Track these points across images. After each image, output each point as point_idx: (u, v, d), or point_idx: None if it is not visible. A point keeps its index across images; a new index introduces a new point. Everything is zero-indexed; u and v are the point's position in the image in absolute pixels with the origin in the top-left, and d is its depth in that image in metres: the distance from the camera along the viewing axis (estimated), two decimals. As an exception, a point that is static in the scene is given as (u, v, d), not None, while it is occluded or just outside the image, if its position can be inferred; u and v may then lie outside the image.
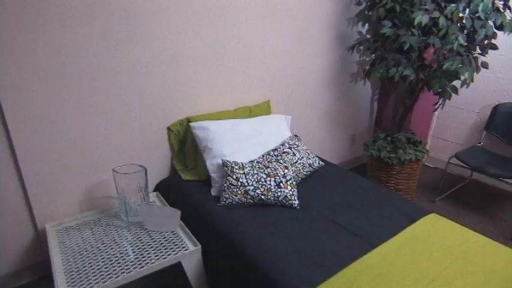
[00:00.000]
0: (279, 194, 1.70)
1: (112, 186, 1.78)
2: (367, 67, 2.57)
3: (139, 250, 1.55)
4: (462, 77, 2.08)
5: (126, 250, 1.56)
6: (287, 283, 1.25)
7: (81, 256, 1.51)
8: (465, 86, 2.11)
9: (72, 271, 1.42)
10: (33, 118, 1.58)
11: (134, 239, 1.62)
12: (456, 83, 2.14)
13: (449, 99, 2.20)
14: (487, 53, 2.10)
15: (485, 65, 2.11)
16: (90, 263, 1.47)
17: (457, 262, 1.35)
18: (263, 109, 2.29)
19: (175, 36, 1.85)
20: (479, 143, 2.69)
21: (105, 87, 1.73)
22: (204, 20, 1.92)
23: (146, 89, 1.85)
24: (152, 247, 1.57)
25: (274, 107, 2.41)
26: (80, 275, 1.40)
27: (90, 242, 1.61)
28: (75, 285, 1.34)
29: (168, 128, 2.01)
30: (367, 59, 2.79)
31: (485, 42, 2.07)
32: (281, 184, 1.72)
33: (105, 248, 1.57)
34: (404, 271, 1.30)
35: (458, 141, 2.95)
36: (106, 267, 1.44)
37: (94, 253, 1.53)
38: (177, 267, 1.58)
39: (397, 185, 2.54)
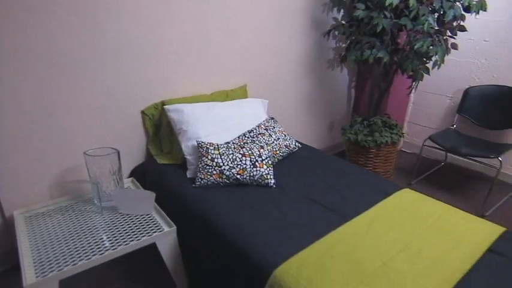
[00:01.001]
0: (254, 173, 1.70)
1: (84, 172, 1.73)
2: (343, 53, 2.60)
3: (112, 233, 1.51)
4: (433, 58, 2.13)
5: (99, 234, 1.51)
6: (261, 257, 1.25)
7: (51, 242, 1.45)
8: (436, 67, 2.16)
9: (42, 258, 1.36)
10: (-3, 99, 1.52)
11: (108, 223, 1.58)
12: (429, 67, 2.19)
13: (421, 80, 2.25)
14: (455, 34, 2.16)
15: (454, 46, 2.17)
16: (61, 248, 1.42)
17: (428, 231, 1.38)
18: (240, 94, 2.28)
19: (150, 19, 1.81)
20: (452, 125, 2.76)
21: (77, 70, 1.67)
22: (180, 4, 1.89)
23: (120, 72, 1.81)
24: (126, 230, 1.54)
25: (251, 93, 2.40)
26: (50, 261, 1.34)
27: (61, 228, 1.55)
28: (44, 271, 1.29)
29: (143, 112, 1.97)
30: (343, 45, 2.82)
31: (454, 24, 2.13)
32: (256, 163, 1.71)
33: (77, 232, 1.52)
34: (377, 241, 1.32)
35: (433, 126, 3.02)
36: (77, 251, 1.40)
37: (65, 238, 1.48)
38: (153, 250, 1.56)
39: (374, 168, 2.58)
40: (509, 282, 1.15)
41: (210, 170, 1.68)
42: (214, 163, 1.69)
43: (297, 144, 2.06)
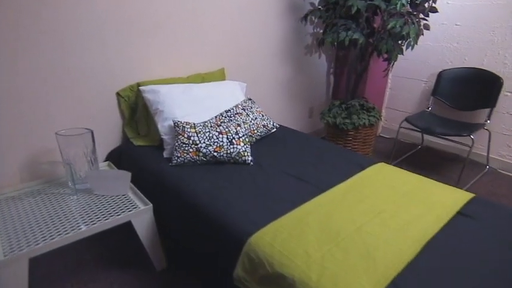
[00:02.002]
0: (231, 150, 1.69)
1: (58, 155, 1.68)
2: (320, 37, 2.62)
3: (87, 214, 1.47)
4: (407, 40, 2.18)
5: (73, 214, 1.47)
6: (237, 227, 1.24)
7: (21, 224, 1.40)
8: (410, 48, 2.21)
9: (11, 237, 1.31)
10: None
11: (82, 205, 1.54)
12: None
13: (396, 60, 2.29)
14: (427, 16, 2.21)
15: (427, 27, 2.22)
16: (32, 228, 1.37)
17: (402, 198, 1.41)
18: (217, 77, 2.27)
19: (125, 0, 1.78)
20: (428, 108, 2.83)
21: (49, 50, 1.62)
22: (151, -19, 1.87)
23: (93, 52, 1.76)
24: (101, 210, 1.50)
25: (228, 77, 2.39)
26: (19, 240, 1.29)
27: (33, 210, 1.50)
28: (13, 249, 1.24)
29: (118, 94, 1.93)
30: (321, 31, 2.85)
31: (426, 5, 2.18)
32: (233, 141, 1.71)
33: (49, 214, 1.47)
34: (352, 208, 1.33)
35: (409, 111, 3.09)
36: (49, 231, 1.35)
37: (37, 220, 1.43)
38: (130, 232, 1.53)
39: (353, 150, 2.62)
40: (476, 239, 1.18)
41: (186, 148, 1.67)
42: (190, 141, 1.67)
43: (274, 124, 2.07)
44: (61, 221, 1.42)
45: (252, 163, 1.73)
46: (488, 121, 2.52)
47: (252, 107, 2.00)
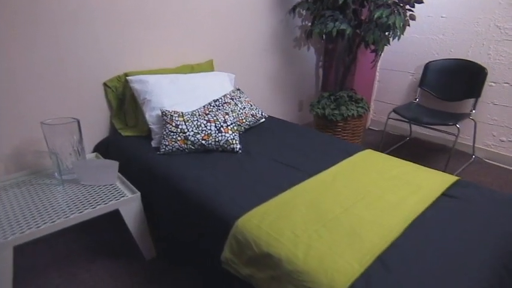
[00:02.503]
0: (220, 138, 1.69)
1: (44, 146, 1.66)
2: (308, 29, 2.63)
3: (74, 203, 1.46)
4: (394, 30, 2.20)
5: (59, 204, 1.46)
6: (224, 210, 1.24)
7: (5, 213, 1.38)
8: (397, 38, 2.24)
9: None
10: None
11: (69, 194, 1.52)
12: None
13: (382, 50, 2.31)
14: (413, 6, 2.24)
15: (413, 17, 2.25)
16: (16, 217, 1.35)
17: (388, 181, 1.43)
18: (205, 68, 2.26)
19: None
20: (415, 99, 2.87)
21: (34, 38, 1.60)
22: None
23: (80, 41, 1.74)
24: (88, 199, 1.48)
25: (217, 68, 2.39)
26: (4, 229, 1.27)
27: (18, 200, 1.48)
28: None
29: (105, 84, 1.91)
30: (309, 24, 2.86)
31: (412, -5, 2.21)
32: (222, 129, 1.71)
33: (35, 203, 1.45)
34: (339, 192, 1.35)
35: (397, 103, 3.12)
36: (34, 220, 1.33)
37: (21, 209, 1.40)
38: (119, 222, 1.52)
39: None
40: (459, 218, 1.21)
41: (174, 137, 1.66)
42: (178, 129, 1.67)
43: (263, 114, 2.07)
44: (47, 210, 1.40)
45: (240, 151, 1.73)
46: (474, 111, 2.57)
47: (240, 97, 2.01)
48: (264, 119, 2.12)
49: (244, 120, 1.92)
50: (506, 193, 1.42)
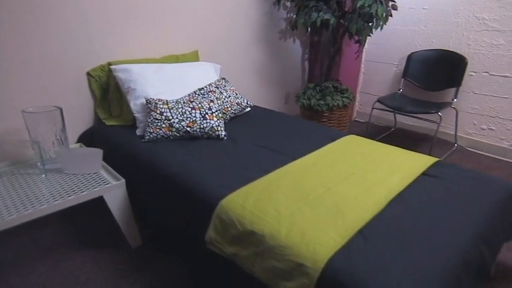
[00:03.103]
0: (205, 125, 1.69)
1: (26, 134, 1.63)
2: (293, 20, 2.65)
3: (57, 191, 1.44)
4: (375, 20, 2.24)
5: (42, 192, 1.44)
6: (208, 192, 1.25)
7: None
8: (379, 28, 2.28)
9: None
10: None
11: (52, 183, 1.50)
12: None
13: (365, 40, 2.35)
14: (395, -4, 2.29)
15: (394, 7, 2.30)
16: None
17: (370, 163, 1.45)
18: (191, 59, 2.26)
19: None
20: (399, 90, 2.92)
21: (15, 26, 1.57)
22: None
23: (62, 29, 1.72)
24: (72, 187, 1.47)
25: (202, 60, 2.38)
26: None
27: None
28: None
29: (88, 74, 1.89)
30: (294, 15, 2.88)
31: (394, -14, 2.25)
32: (206, 116, 1.71)
33: (17, 192, 1.42)
34: (322, 173, 1.37)
35: (382, 94, 3.16)
36: (15, 207, 1.31)
37: (3, 198, 1.38)
38: (105, 212, 1.51)
39: (328, 132, 2.67)
40: (438, 195, 1.24)
41: (159, 124, 1.66)
42: (163, 117, 1.67)
43: (249, 102, 2.08)
44: (29, 199, 1.38)
45: (225, 138, 1.73)
46: (455, 99, 2.63)
47: (225, 86, 2.01)
48: (249, 108, 2.13)
49: (229, 109, 1.93)
50: (482, 172, 1.46)
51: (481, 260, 1.04)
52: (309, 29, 2.82)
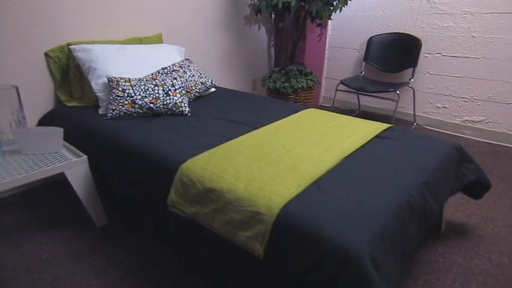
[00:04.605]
0: (168, 101, 1.70)
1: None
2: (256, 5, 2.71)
3: (15, 170, 1.40)
4: (335, 3, 2.33)
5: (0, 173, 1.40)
6: (169, 157, 1.27)
7: None
8: (338, 10, 2.37)
9: None
10: None
11: (11, 163, 1.45)
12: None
13: (326, 23, 2.44)
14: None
15: (351, -10, 2.39)
16: None
17: (329, 130, 1.52)
18: (154, 41, 2.25)
19: None
20: (361, 72, 3.04)
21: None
22: None
23: (19, 6, 1.67)
24: (32, 167, 1.43)
25: (166, 43, 2.38)
26: None
27: None
28: None
29: (46, 54, 1.85)
30: (258, 2, 2.93)
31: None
32: (169, 92, 1.72)
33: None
34: (282, 138, 1.42)
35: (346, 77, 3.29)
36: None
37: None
38: (70, 194, 1.48)
39: (294, 114, 2.74)
40: (388, 151, 1.33)
41: (121, 101, 1.65)
42: (125, 94, 1.66)
43: (213, 82, 2.11)
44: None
45: (189, 114, 1.75)
46: (412, 79, 2.78)
47: (189, 66, 2.03)
48: (214, 89, 2.16)
49: (193, 87, 1.95)
50: (430, 134, 1.57)
51: (425, 205, 1.13)
52: (273, 15, 2.88)
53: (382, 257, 0.89)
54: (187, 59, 2.11)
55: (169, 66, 1.94)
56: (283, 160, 1.22)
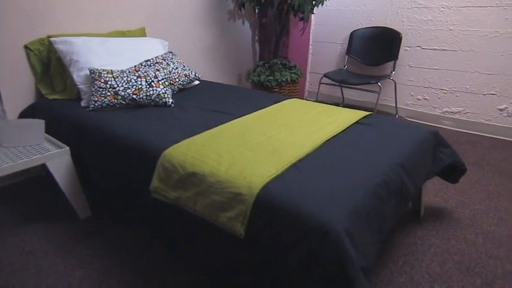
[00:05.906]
0: (151, 92, 1.71)
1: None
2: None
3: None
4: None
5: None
6: (152, 146, 1.27)
7: None
8: (321, 4, 2.41)
9: None
10: None
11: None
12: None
13: (308, 17, 2.47)
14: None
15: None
16: None
17: (310, 117, 1.55)
18: (137, 35, 2.25)
19: None
20: (344, 66, 3.09)
21: None
22: None
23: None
24: (12, 158, 1.42)
25: (150, 37, 2.38)
26: None
27: None
28: None
29: (26, 47, 1.83)
30: (242, -3, 2.95)
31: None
32: (152, 83, 1.72)
33: None
34: (264, 126, 1.44)
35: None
36: None
37: None
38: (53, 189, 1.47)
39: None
40: (367, 136, 1.37)
41: (104, 92, 1.65)
42: (108, 85, 1.66)
43: (197, 75, 2.12)
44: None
45: (173, 105, 1.76)
46: (393, 72, 2.84)
47: (173, 58, 2.03)
48: (198, 81, 2.17)
49: (177, 79, 1.95)
50: (408, 121, 1.61)
51: (402, 185, 1.17)
52: (257, 10, 2.90)
53: (359, 232, 0.92)
54: (171, 52, 2.12)
55: (152, 59, 1.94)
56: (264, 146, 1.24)
